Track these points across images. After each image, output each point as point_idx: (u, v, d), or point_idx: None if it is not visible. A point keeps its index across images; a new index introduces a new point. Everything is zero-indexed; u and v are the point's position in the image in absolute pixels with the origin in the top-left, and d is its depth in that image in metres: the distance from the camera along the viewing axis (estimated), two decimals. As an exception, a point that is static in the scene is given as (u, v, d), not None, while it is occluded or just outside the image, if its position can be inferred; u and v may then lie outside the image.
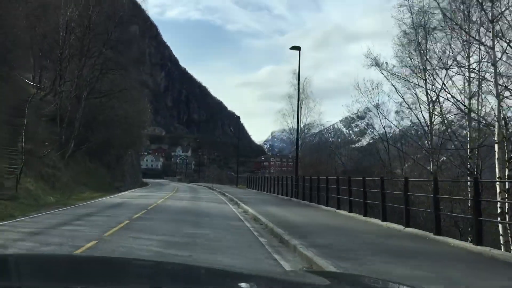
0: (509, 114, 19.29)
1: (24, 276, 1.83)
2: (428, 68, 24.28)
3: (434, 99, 25.65)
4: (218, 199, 27.96)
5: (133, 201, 23.41)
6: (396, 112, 32.00)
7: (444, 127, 27.35)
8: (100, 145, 36.98)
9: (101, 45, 38.77)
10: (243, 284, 2.05)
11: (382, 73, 27.12)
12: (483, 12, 18.37)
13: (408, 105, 27.44)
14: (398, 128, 33.72)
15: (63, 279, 1.93)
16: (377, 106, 38.53)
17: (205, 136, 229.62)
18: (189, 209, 19.08)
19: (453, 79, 22.83)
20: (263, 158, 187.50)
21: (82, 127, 37.29)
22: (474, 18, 20.02)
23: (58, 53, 37.59)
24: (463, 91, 22.20)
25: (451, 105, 24.40)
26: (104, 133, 37.37)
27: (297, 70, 33.62)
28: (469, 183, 17.43)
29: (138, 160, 57.57)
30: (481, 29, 19.39)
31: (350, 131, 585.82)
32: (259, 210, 17.36)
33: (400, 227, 12.46)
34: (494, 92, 17.29)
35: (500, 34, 17.57)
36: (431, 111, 26.32)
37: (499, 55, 17.77)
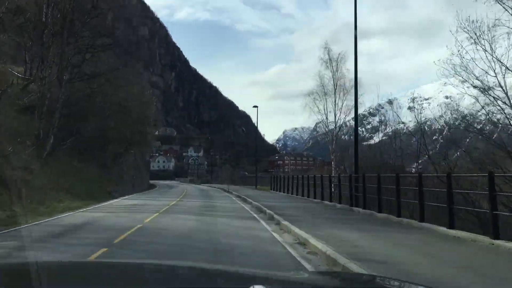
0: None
1: (36, 284, 1.79)
2: None
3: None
4: (241, 210, 19.48)
5: (109, 219, 14.79)
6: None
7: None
8: (92, 141, 28.93)
9: (85, 16, 30.62)
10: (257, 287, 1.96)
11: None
12: None
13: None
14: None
15: (77, 285, 1.94)
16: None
17: (216, 136, 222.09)
18: (196, 237, 10.50)
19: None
20: (277, 157, 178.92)
21: (66, 118, 29.40)
22: None
23: (41, 31, 30.24)
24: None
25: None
26: (96, 126, 29.27)
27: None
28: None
29: (144, 160, 49.34)
30: None
31: (362, 129, 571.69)
32: (336, 243, 8.82)
33: None
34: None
35: None
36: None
37: None
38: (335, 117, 30.51)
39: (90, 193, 26.77)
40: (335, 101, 29.55)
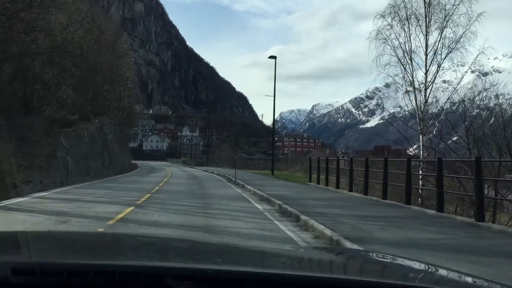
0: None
1: (36, 252, 1.73)
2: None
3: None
4: None
5: None
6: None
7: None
8: (9, 99, 17.82)
9: None
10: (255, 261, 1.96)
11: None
12: None
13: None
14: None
15: (76, 255, 1.82)
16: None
17: (213, 115, 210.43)
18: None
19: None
20: (276, 138, 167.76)
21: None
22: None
23: None
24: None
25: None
26: (15, 74, 18.05)
27: None
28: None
29: (119, 135, 37.30)
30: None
31: (359, 112, 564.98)
32: None
33: None
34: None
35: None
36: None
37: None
38: (426, 58, 19.73)
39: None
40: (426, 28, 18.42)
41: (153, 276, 1.43)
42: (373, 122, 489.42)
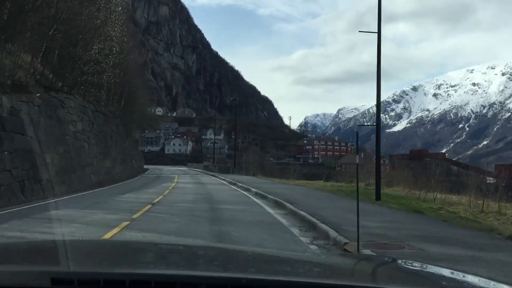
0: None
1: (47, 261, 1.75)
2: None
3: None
4: None
5: None
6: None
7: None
8: None
9: None
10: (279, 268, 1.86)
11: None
12: None
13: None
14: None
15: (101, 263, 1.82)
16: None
17: (239, 118, 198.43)
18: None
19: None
20: (305, 141, 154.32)
21: None
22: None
23: None
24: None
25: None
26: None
27: None
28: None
29: (109, 129, 25.45)
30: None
31: (386, 115, 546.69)
32: None
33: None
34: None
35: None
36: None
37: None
38: None
39: None
40: None
41: (187, 285, 1.40)
42: (400, 126, 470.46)
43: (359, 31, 17.05)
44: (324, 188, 19.25)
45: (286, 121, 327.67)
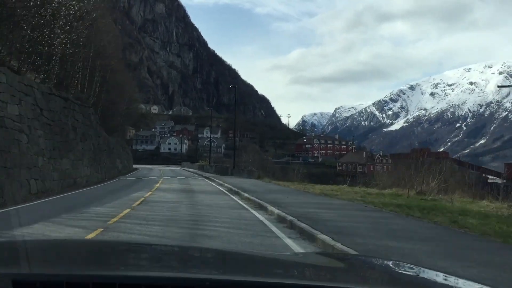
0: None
1: (36, 262, 1.62)
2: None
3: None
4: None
5: None
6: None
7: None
8: None
9: None
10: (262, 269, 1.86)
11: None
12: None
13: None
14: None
15: (79, 264, 1.75)
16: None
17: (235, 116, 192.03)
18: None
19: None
20: (305, 140, 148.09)
21: None
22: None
23: None
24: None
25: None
26: None
27: None
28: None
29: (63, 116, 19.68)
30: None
31: (383, 114, 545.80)
32: None
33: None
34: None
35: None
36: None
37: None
38: None
39: None
40: None
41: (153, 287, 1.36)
42: (397, 125, 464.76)
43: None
44: (387, 202, 12.72)
45: (283, 120, 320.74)
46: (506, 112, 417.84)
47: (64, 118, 18.49)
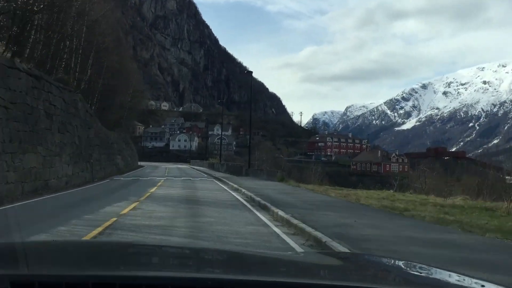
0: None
1: (36, 264, 1.59)
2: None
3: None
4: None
5: None
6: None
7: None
8: None
9: None
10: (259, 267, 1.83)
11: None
12: None
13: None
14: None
15: (80, 265, 1.70)
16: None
17: (247, 113, 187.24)
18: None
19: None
20: (317, 138, 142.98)
21: None
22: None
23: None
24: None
25: None
26: None
27: None
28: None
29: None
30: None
31: (395, 113, 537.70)
32: None
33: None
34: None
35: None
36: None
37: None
38: None
39: None
40: None
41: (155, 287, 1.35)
42: (409, 124, 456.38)
43: None
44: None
45: (294, 118, 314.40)
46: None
47: (32, 101, 14.04)
